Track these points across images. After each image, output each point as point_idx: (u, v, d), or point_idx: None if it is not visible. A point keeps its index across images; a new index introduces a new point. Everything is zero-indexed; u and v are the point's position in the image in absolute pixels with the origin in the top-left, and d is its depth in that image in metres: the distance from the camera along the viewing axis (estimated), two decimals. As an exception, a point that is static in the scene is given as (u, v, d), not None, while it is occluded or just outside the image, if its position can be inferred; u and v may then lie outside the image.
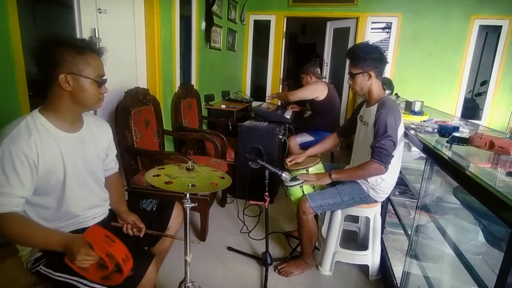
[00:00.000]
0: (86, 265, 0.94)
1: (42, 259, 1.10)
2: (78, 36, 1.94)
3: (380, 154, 1.57)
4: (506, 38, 4.28)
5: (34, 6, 1.83)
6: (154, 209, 1.43)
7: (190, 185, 1.18)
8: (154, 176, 1.25)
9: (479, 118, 4.61)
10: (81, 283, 1.04)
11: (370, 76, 1.68)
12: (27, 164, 0.99)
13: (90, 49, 1.09)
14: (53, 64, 1.03)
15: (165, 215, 1.42)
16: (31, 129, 1.02)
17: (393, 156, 1.59)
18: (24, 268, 1.14)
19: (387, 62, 1.73)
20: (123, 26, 2.35)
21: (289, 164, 2.02)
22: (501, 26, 4.28)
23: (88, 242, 0.94)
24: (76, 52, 1.04)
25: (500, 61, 4.36)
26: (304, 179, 1.83)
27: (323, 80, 3.20)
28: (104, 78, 1.13)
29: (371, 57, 1.65)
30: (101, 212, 1.29)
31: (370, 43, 1.75)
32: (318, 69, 3.16)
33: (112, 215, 1.35)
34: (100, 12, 2.06)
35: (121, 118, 2.06)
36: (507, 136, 1.43)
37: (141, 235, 1.29)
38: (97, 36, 2.03)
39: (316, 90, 2.99)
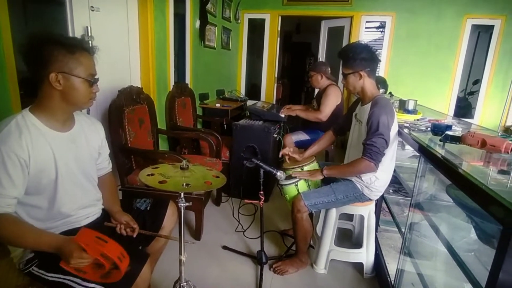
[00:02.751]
0: (81, 266, 0.93)
1: (34, 260, 1.09)
2: (70, 34, 1.91)
3: (371, 152, 1.58)
4: (498, 38, 4.33)
5: (25, 3, 1.81)
6: (148, 208, 1.43)
7: (184, 184, 1.18)
8: (148, 175, 1.24)
9: (471, 116, 4.66)
10: (75, 282, 1.03)
11: (361, 76, 1.69)
12: (18, 164, 0.98)
13: (81, 48, 1.07)
14: (44, 62, 1.01)
15: (159, 215, 1.41)
16: (22, 129, 1.01)
17: (384, 154, 1.61)
18: (17, 269, 1.12)
19: (379, 61, 1.74)
20: (116, 24, 2.33)
21: (289, 154, 2.03)
22: (493, 26, 4.33)
23: (80, 245, 0.94)
24: (67, 51, 1.03)
25: (492, 61, 4.41)
26: (297, 175, 1.83)
27: (333, 80, 3.06)
28: (96, 77, 1.12)
29: (360, 57, 1.66)
30: (94, 212, 1.28)
31: (361, 43, 1.75)
32: (329, 69, 3.02)
33: (105, 214, 1.34)
34: (92, 10, 2.04)
35: (115, 117, 2.04)
36: (499, 134, 1.45)
37: (134, 235, 1.28)
38: (89, 34, 2.00)
39: (339, 96, 2.93)
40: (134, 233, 1.28)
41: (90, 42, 1.96)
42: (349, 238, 2.29)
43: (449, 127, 1.49)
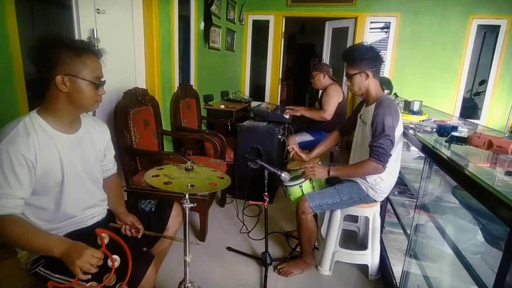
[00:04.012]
0: (92, 264, 0.94)
1: (41, 260, 1.09)
2: (76, 36, 1.94)
3: (378, 153, 1.57)
4: (504, 38, 4.28)
5: (32, 6, 1.83)
6: (153, 209, 1.43)
7: (189, 185, 1.18)
8: (153, 176, 1.25)
9: (477, 117, 4.61)
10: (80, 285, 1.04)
11: (367, 75, 1.69)
12: (25, 165, 0.99)
13: (88, 50, 1.08)
14: (50, 65, 1.02)
15: (164, 216, 1.42)
16: (29, 130, 1.02)
17: (390, 155, 1.60)
18: (23, 269, 1.14)
19: (383, 62, 1.73)
20: (122, 27, 2.35)
21: (296, 150, 2.04)
22: (499, 26, 4.29)
23: (101, 234, 0.96)
24: (73, 54, 1.04)
25: (499, 61, 4.37)
26: (303, 167, 1.82)
27: (335, 80, 3.09)
28: (102, 80, 1.13)
29: (367, 57, 1.67)
30: (99, 212, 1.29)
31: (365, 44, 1.76)
32: (331, 70, 3.06)
33: (111, 215, 1.35)
34: (98, 13, 2.06)
35: (120, 119, 2.05)
36: (506, 135, 1.43)
37: (139, 236, 1.29)
38: (95, 37, 2.02)
39: (340, 94, 2.95)
40: (138, 234, 1.29)
41: (96, 44, 1.98)
42: (354, 239, 2.28)
43: (455, 128, 1.48)
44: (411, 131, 1.69)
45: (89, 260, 0.93)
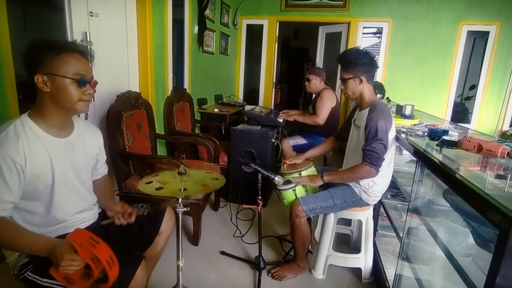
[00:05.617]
0: (71, 271, 0.92)
1: (29, 265, 1.08)
2: (69, 39, 1.92)
3: (371, 157, 1.59)
4: (493, 44, 4.38)
5: (24, 9, 1.81)
6: (146, 213, 1.42)
7: (182, 189, 1.18)
8: (146, 183, 1.24)
9: (468, 121, 4.69)
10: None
11: (361, 80, 1.70)
12: (14, 169, 0.98)
13: (69, 48, 1.06)
14: (32, 66, 1.03)
15: (157, 220, 1.41)
16: (19, 133, 1.01)
17: (383, 159, 1.61)
18: (11, 275, 1.11)
19: (378, 67, 1.76)
20: (115, 30, 2.34)
21: (288, 163, 2.04)
22: (488, 32, 4.38)
23: (72, 245, 0.93)
24: (53, 52, 1.03)
25: (488, 66, 4.45)
26: (297, 181, 1.84)
27: (328, 85, 3.12)
28: (89, 78, 1.10)
29: (361, 62, 1.68)
30: (90, 217, 1.28)
31: (361, 49, 1.78)
32: (325, 74, 3.11)
33: (101, 219, 1.33)
34: (91, 16, 2.05)
35: (113, 122, 2.04)
36: (495, 139, 1.46)
37: (132, 220, 1.26)
38: (88, 40, 2.01)
39: (333, 99, 2.98)
40: (131, 218, 1.27)
41: (88, 47, 1.97)
42: (347, 243, 2.28)
43: (445, 132, 1.50)
44: (403, 135, 1.70)
45: (68, 264, 0.91)
